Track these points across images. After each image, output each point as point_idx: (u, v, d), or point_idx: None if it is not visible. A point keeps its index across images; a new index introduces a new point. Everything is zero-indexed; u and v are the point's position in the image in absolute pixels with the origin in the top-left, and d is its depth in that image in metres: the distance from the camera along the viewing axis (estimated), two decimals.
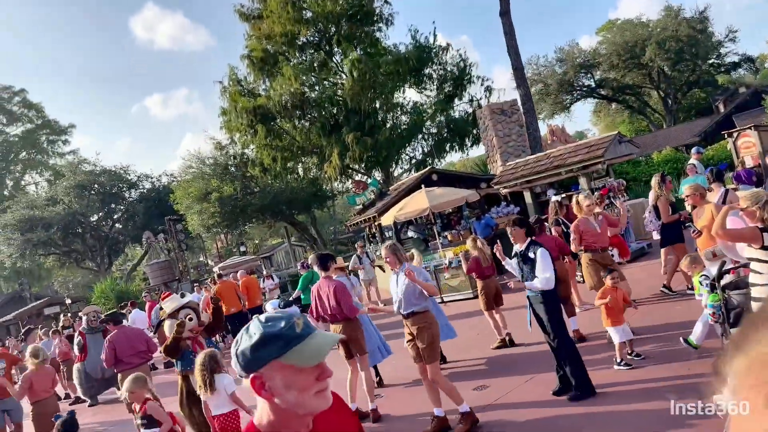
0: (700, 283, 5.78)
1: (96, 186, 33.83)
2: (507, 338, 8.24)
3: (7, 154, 46.98)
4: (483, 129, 19.16)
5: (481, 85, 25.46)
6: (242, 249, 28.22)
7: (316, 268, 8.13)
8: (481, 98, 25.15)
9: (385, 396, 7.44)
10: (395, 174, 26.83)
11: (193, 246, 34.29)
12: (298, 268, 14.78)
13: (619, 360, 6.19)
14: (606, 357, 6.52)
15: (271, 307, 9.86)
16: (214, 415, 5.61)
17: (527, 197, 13.85)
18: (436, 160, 24.56)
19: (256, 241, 48.36)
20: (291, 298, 12.80)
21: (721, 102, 41.26)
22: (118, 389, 8.60)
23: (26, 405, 8.17)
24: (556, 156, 13.46)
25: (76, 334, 14.85)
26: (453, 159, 42.41)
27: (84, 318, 11.05)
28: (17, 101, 47.24)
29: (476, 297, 12.24)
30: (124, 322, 9.48)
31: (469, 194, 13.65)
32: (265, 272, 12.97)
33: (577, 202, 7.94)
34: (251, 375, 1.48)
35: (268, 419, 1.50)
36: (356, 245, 14.17)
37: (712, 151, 19.93)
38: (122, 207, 35.33)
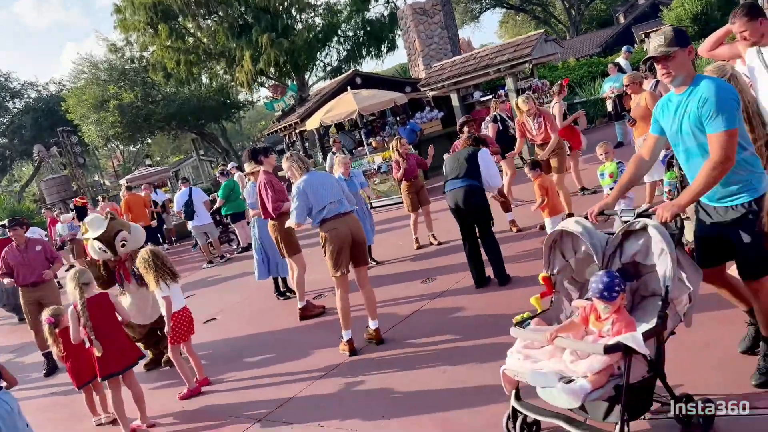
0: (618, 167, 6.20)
1: None
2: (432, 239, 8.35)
3: None
4: (404, 31, 18.54)
5: None
6: (147, 162, 26.47)
7: (247, 166, 7.65)
8: (396, 2, 24.26)
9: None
10: (309, 82, 25.74)
11: (87, 165, 31.81)
12: (217, 176, 14.03)
13: None
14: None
15: None
16: (178, 309, 5.22)
17: (454, 100, 13.68)
18: (355, 64, 23.66)
19: (158, 158, 45.64)
20: (213, 208, 12.17)
21: (622, 14, 42.57)
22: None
23: None
24: (484, 56, 13.26)
25: None
26: (368, 68, 41.39)
27: None
28: None
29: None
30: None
31: (398, 96, 13.31)
32: (181, 183, 12.05)
33: (517, 105, 8.19)
34: None
35: None
36: (333, 141, 12.56)
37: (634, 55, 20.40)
38: (6, 119, 31.82)
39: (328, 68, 26.24)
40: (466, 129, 7.71)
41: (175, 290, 5.26)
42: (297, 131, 15.91)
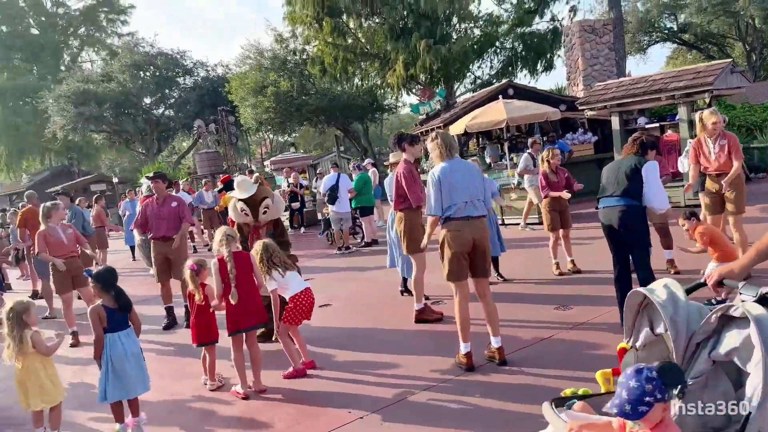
0: None
1: (151, 67, 33.27)
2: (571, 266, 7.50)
3: (66, 27, 46.62)
4: (567, 48, 17.58)
5: (567, 3, 23.41)
6: (292, 150, 27.57)
7: (391, 156, 7.41)
8: (563, 18, 23.16)
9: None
10: (456, 93, 25.37)
11: (239, 147, 33.83)
12: (351, 169, 14.09)
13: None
14: None
15: None
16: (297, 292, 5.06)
17: (615, 123, 12.56)
18: (506, 79, 22.88)
19: (301, 150, 47.83)
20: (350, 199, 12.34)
21: None
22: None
23: None
24: (657, 79, 12.04)
25: (127, 204, 14.58)
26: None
27: (145, 185, 10.61)
28: None
29: (541, 222, 11.45)
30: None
31: (551, 111, 12.50)
32: (318, 171, 12.22)
33: (701, 120, 6.81)
34: None
35: None
36: (529, 142, 11.18)
37: None
38: (175, 93, 34.79)
39: (478, 81, 25.74)
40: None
41: (291, 277, 5.10)
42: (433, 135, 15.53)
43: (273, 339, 6.08)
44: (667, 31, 46.49)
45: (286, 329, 5.09)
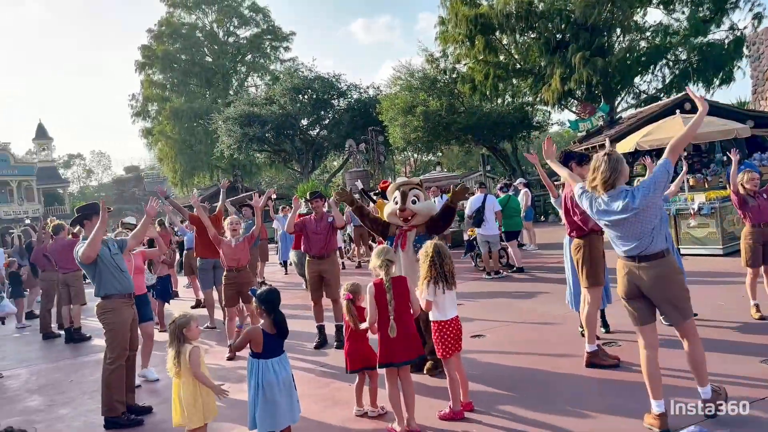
0: None
1: (309, 91, 35.05)
2: None
3: (236, 55, 50.92)
4: (754, 58, 15.52)
5: (750, 10, 20.80)
6: (438, 169, 27.40)
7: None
8: (746, 27, 20.66)
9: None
10: (618, 108, 23.59)
11: (385, 166, 34.40)
12: (497, 189, 13.45)
13: None
14: None
15: None
16: (443, 320, 4.62)
17: None
18: (695, 85, 20.62)
19: (446, 169, 47.77)
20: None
21: None
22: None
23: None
24: None
25: (282, 219, 15.15)
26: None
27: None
28: (247, 5, 50.57)
29: (726, 254, 10.00)
30: None
31: (740, 128, 10.96)
32: (477, 188, 11.76)
33: None
34: None
35: None
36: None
37: None
38: (330, 114, 36.35)
39: (643, 96, 23.75)
40: None
41: (449, 297, 4.61)
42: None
43: (425, 371, 5.68)
44: None
45: (450, 362, 4.62)
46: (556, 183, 6.71)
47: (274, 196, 10.46)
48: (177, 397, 4.15)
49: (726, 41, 20.20)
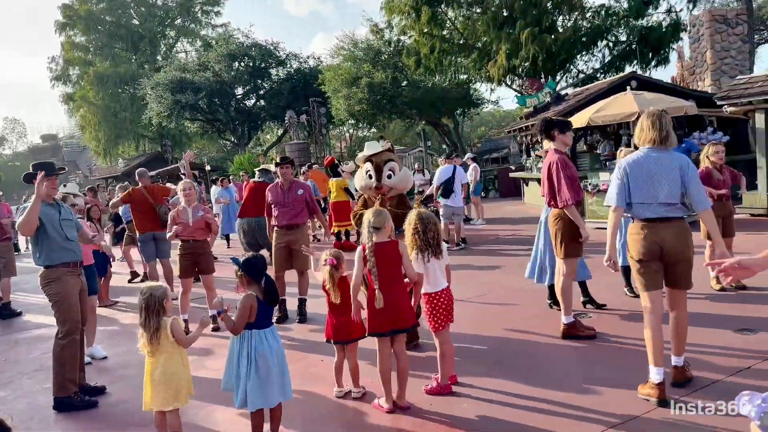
0: None
1: (246, 58, 33.65)
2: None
3: (164, 18, 48.21)
4: (694, 40, 16.05)
5: None
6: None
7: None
8: (681, 9, 21.37)
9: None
10: (557, 87, 23.93)
11: (326, 140, 33.79)
12: (440, 160, 13.37)
13: None
14: None
15: None
16: (432, 292, 4.38)
17: (759, 121, 11.17)
18: (632, 65, 21.09)
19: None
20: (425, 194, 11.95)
21: None
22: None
23: None
24: None
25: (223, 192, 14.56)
26: None
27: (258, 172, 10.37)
28: None
29: None
30: None
31: (688, 105, 11.26)
32: (445, 159, 11.67)
33: None
34: None
35: None
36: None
37: None
38: (267, 84, 35.09)
39: (581, 75, 24.23)
40: None
41: (438, 267, 4.36)
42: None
43: (412, 344, 5.46)
44: None
45: (441, 335, 4.40)
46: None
47: (193, 159, 9.90)
48: (152, 377, 3.71)
49: (665, 24, 20.80)
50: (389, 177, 5.60)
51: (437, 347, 4.42)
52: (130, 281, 10.68)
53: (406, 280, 4.20)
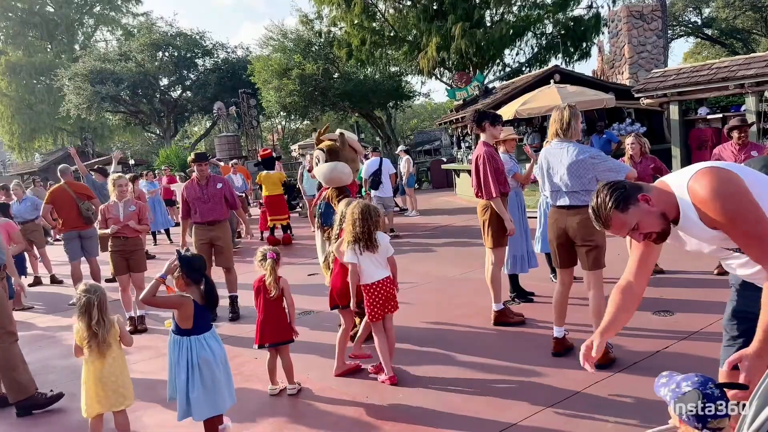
0: None
1: (170, 48, 32.49)
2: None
3: (82, 5, 45.84)
4: (613, 35, 16.77)
5: None
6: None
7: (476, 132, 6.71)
8: (602, 5, 22.25)
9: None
10: (485, 80, 24.48)
11: (257, 132, 33.24)
12: (369, 151, 13.44)
13: None
14: None
15: None
16: (368, 283, 4.39)
17: (673, 112, 11.82)
18: (541, 67, 21.86)
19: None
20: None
21: None
22: None
23: None
24: (722, 67, 11.29)
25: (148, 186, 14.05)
26: None
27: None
28: None
29: None
30: None
31: (608, 98, 11.77)
32: (371, 152, 11.79)
33: None
34: None
35: None
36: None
37: None
38: (193, 75, 34.05)
39: (507, 69, 24.87)
40: (736, 134, 6.18)
41: (371, 260, 4.38)
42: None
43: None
44: (690, 26, 45.29)
45: (376, 326, 4.42)
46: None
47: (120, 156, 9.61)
48: (93, 382, 3.52)
49: (589, 17, 21.57)
50: (316, 164, 5.68)
51: (375, 337, 4.44)
52: (30, 285, 10.08)
53: None
